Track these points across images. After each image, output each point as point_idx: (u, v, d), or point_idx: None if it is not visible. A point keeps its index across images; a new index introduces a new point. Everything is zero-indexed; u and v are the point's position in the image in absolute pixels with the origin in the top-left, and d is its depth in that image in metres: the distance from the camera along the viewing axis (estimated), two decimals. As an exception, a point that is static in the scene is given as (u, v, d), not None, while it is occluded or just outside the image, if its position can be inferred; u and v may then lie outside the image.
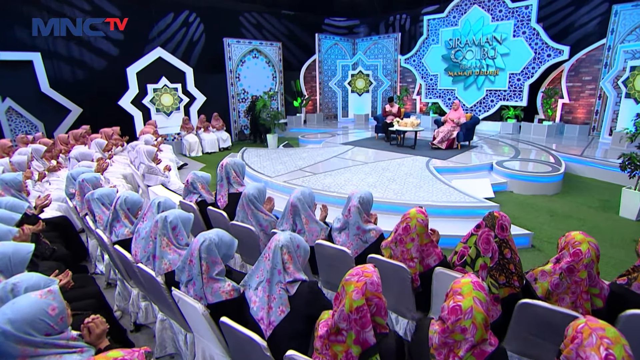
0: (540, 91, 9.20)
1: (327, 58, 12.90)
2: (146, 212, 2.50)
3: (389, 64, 12.72)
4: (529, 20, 8.61)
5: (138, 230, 2.43)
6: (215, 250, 1.83)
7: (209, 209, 3.14)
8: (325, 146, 8.36)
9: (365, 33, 13.70)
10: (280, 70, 11.45)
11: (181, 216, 2.20)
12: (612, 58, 7.79)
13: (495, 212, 2.07)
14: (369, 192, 2.56)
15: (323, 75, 12.93)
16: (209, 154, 9.27)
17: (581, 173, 6.49)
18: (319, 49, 12.44)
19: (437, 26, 10.47)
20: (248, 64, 10.76)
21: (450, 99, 10.76)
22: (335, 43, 12.98)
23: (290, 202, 2.61)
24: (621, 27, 7.54)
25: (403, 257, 2.21)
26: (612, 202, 5.10)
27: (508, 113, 9.46)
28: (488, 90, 9.83)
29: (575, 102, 8.85)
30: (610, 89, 7.69)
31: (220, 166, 3.10)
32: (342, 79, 12.78)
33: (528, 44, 8.73)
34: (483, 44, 9.54)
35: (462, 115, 7.54)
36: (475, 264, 2.03)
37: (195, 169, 7.72)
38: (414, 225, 2.16)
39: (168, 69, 9.09)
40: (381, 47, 12.78)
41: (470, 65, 10.00)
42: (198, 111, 9.76)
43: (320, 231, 2.65)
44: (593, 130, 8.48)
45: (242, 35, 10.82)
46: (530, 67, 8.86)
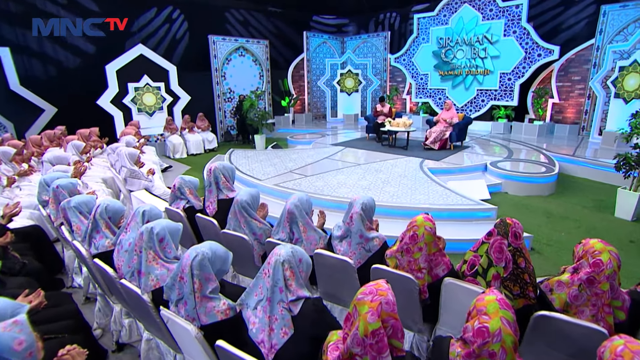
0: (531, 91, 9.32)
1: (316, 57, 12.79)
2: (130, 221, 2.32)
3: (379, 62, 12.70)
4: (519, 19, 8.70)
5: (121, 242, 2.26)
6: (209, 266, 1.68)
7: (198, 217, 2.98)
8: (315, 147, 8.24)
9: (354, 31, 13.66)
10: (268, 68, 11.27)
11: (169, 227, 2.04)
12: (601, 58, 7.94)
13: (508, 218, 1.98)
14: (371, 197, 2.45)
15: (311, 74, 12.81)
16: (194, 155, 9.03)
17: (574, 173, 6.56)
18: (307, 48, 12.31)
19: (427, 25, 10.49)
20: (234, 62, 10.54)
21: (440, 98, 10.80)
22: (324, 41, 12.88)
23: (286, 208, 2.47)
24: (609, 27, 7.69)
25: (410, 267, 2.11)
26: (607, 203, 5.15)
27: (499, 113, 9.54)
28: (479, 90, 9.90)
29: (565, 102, 9.00)
30: (600, 89, 7.83)
31: (208, 171, 2.94)
32: (330, 78, 12.69)
33: (519, 43, 8.83)
34: (473, 43, 9.60)
35: (454, 115, 7.54)
36: (487, 274, 1.95)
37: (180, 171, 7.48)
38: (422, 233, 2.06)
39: (150, 67, 8.80)
40: (370, 45, 12.75)
41: (460, 64, 10.06)
42: (182, 111, 9.49)
43: (319, 240, 2.52)
44: (583, 130, 8.63)
45: (227, 33, 10.59)
46: (520, 67, 8.95)
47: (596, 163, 6.33)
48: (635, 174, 4.47)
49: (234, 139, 10.69)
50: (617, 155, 4.54)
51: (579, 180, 6.34)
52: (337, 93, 12.74)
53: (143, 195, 4.52)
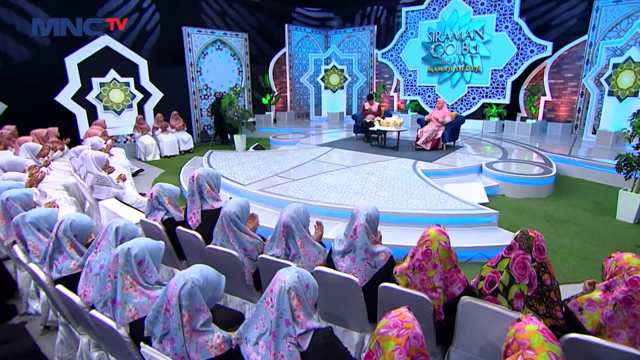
0: (523, 88, 9.49)
1: (298, 51, 12.64)
2: (100, 239, 2.11)
3: (365, 58, 12.68)
4: (511, 14, 8.85)
5: (90, 264, 2.05)
6: (200, 295, 1.51)
7: (178, 230, 2.78)
8: (300, 148, 8.10)
9: (338, 25, 13.59)
10: (247, 64, 11.05)
11: (149, 246, 1.85)
12: (594, 55, 8.16)
13: (530, 231, 1.91)
14: (374, 207, 2.33)
15: (294, 70, 12.65)
16: (168, 157, 8.71)
17: (569, 173, 6.68)
18: (289, 42, 12.15)
19: (416, 19, 10.53)
20: (211, 57, 10.26)
21: (430, 96, 10.86)
22: (307, 35, 12.75)
23: (281, 221, 2.32)
24: (602, 23, 7.92)
25: (423, 286, 2.00)
26: (607, 205, 5.24)
27: (490, 111, 9.67)
28: (470, 87, 10.01)
29: (557, 100, 9.21)
30: (593, 87, 8.04)
31: (190, 178, 2.75)
32: (314, 74, 12.57)
33: (510, 39, 8.97)
34: (464, 39, 9.70)
35: (447, 114, 7.56)
36: (509, 292, 1.86)
37: (153, 175, 7.18)
38: (436, 249, 1.96)
39: (117, 61, 8.42)
40: (356, 40, 12.71)
41: (451, 60, 10.15)
42: (154, 109, 9.16)
43: (318, 255, 2.39)
44: (576, 129, 8.85)
45: (203, 24, 10.30)
46: (513, 63, 9.10)
47: (592, 163, 6.47)
48: (637, 175, 4.55)
49: (212, 139, 10.40)
50: (619, 155, 4.61)
51: (575, 181, 6.46)
52: (321, 90, 12.63)
53: (113, 204, 4.24)
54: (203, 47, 9.96)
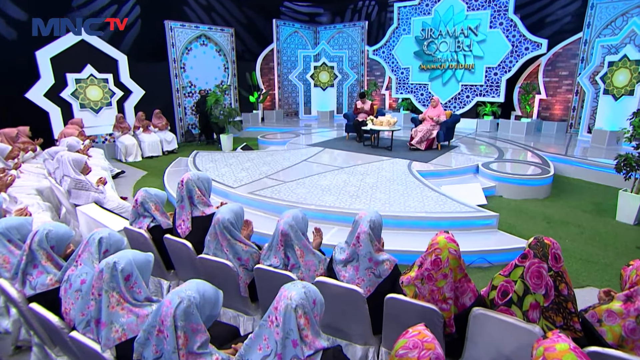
0: (518, 86, 9.60)
1: (287, 47, 12.54)
2: (81, 251, 1.99)
3: (355, 55, 12.66)
4: (506, 10, 8.93)
5: (69, 279, 1.92)
6: (197, 314, 1.41)
7: (166, 238, 2.67)
8: (290, 148, 8.01)
9: (328, 20, 13.53)
10: (234, 60, 10.90)
11: (137, 259, 1.74)
12: (589, 52, 8.30)
13: (545, 238, 1.87)
14: (377, 213, 2.27)
15: (282, 67, 12.54)
16: (151, 158, 8.52)
17: (566, 173, 6.76)
18: (277, 37, 12.04)
19: (408, 14, 10.56)
20: (195, 52, 10.08)
21: (423, 94, 10.90)
22: (295, 31, 12.66)
23: (279, 229, 2.23)
24: (597, 20, 8.06)
25: (433, 297, 1.95)
26: (606, 205, 5.31)
27: (485, 110, 9.75)
28: (463, 86, 10.08)
29: (552, 98, 9.35)
30: (588, 85, 8.18)
31: (180, 183, 2.63)
32: (303, 72, 12.48)
33: (505, 36, 9.06)
34: (458, 35, 9.75)
35: (441, 113, 7.57)
36: (523, 302, 1.82)
37: (135, 177, 6.99)
38: (446, 257, 1.90)
39: (95, 56, 8.18)
40: (346, 36, 12.68)
41: (444, 57, 10.19)
42: (135, 107, 8.94)
43: (318, 264, 2.31)
44: (571, 128, 8.99)
45: (187, 18, 10.09)
46: (507, 61, 9.20)
47: (590, 163, 6.56)
48: (636, 176, 4.61)
49: (196, 139, 10.22)
50: (618, 155, 4.67)
51: (572, 181, 6.53)
52: (311, 88, 12.55)
53: (92, 210, 4.07)
54: (187, 42, 9.77)
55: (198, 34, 9.98)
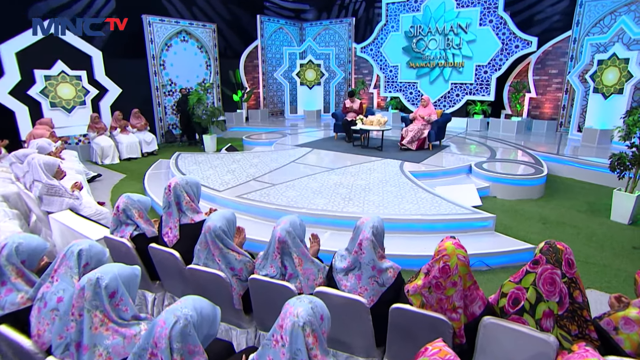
0: (508, 85, 9.74)
1: (271, 44, 12.42)
2: (57, 266, 1.85)
3: (342, 52, 12.64)
4: (495, 7, 9.05)
5: (43, 297, 1.79)
6: (194, 334, 1.32)
7: (152, 248, 2.54)
8: (277, 149, 7.91)
9: (314, 17, 13.47)
10: (216, 57, 10.72)
11: (122, 274, 1.63)
12: (578, 51, 8.48)
13: (558, 243, 1.84)
14: (379, 218, 2.21)
15: (267, 64, 12.42)
16: (129, 160, 8.28)
17: (558, 173, 6.87)
18: (262, 34, 11.91)
19: (396, 11, 10.59)
20: (175, 49, 9.87)
21: (412, 92, 10.96)
22: (280, 27, 12.55)
23: (276, 236, 2.15)
24: (586, 19, 8.24)
25: (441, 306, 1.89)
26: (599, 205, 5.40)
27: (475, 108, 9.86)
28: (453, 84, 10.17)
29: (542, 97, 9.52)
30: (578, 84, 8.35)
31: (167, 188, 2.52)
32: (289, 70, 12.38)
33: (495, 33, 9.18)
34: (447, 33, 9.83)
35: (432, 112, 7.60)
36: (535, 310, 1.78)
37: (113, 180, 6.78)
38: (455, 264, 1.86)
39: (66, 51, 7.91)
40: (333, 33, 12.65)
41: (433, 55, 10.26)
42: (112, 106, 8.70)
43: (317, 273, 2.23)
44: (561, 126, 9.17)
45: (166, 13, 9.87)
46: (497, 59, 9.32)
47: (581, 162, 6.68)
48: (630, 175, 4.70)
49: (177, 139, 10.00)
50: (612, 155, 4.75)
51: (565, 180, 6.64)
52: (297, 86, 12.47)
53: (67, 217, 3.88)
54: (166, 38, 9.56)
55: (178, 30, 9.77)
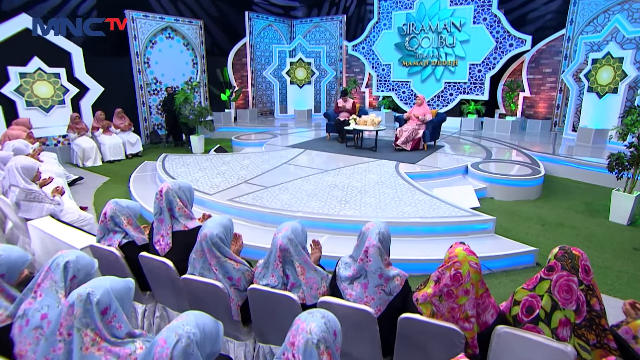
0: (502, 84, 9.83)
1: (260, 42, 12.33)
2: (41, 280, 1.75)
3: (333, 50, 12.61)
4: (489, 5, 9.12)
5: (25, 314, 1.69)
6: (197, 353, 1.25)
7: (143, 256, 2.45)
8: (268, 150, 7.82)
9: (304, 14, 13.41)
10: (203, 55, 10.58)
11: (115, 288, 1.54)
12: (572, 49, 8.60)
13: (573, 248, 1.82)
14: (385, 224, 2.17)
15: (255, 62, 12.32)
16: (112, 162, 8.09)
17: (555, 173, 6.93)
18: (250, 31, 11.81)
19: (389, 9, 10.61)
20: (160, 46, 9.71)
21: (405, 92, 10.98)
22: (270, 24, 12.46)
23: (277, 244, 2.08)
24: (580, 17, 8.36)
25: (453, 315, 1.85)
26: (597, 205, 5.46)
27: (469, 108, 9.92)
28: (447, 83, 10.22)
29: (536, 96, 9.64)
30: (572, 83, 8.46)
31: (158, 194, 2.42)
32: (278, 68, 12.30)
33: (489, 31, 9.25)
34: (440, 31, 9.88)
35: (427, 112, 7.61)
36: (551, 319, 1.75)
37: (95, 184, 6.61)
38: (467, 271, 1.82)
39: (43, 47, 7.69)
40: (324, 31, 12.61)
41: (426, 54, 10.30)
42: (93, 106, 8.50)
43: (320, 282, 2.17)
44: (555, 126, 9.29)
45: (150, 8, 9.70)
46: (491, 58, 9.39)
47: (578, 162, 6.75)
48: (629, 175, 4.75)
49: (163, 140, 9.83)
50: (611, 155, 4.80)
51: (561, 180, 6.70)
52: (287, 85, 12.39)
53: (47, 224, 3.73)
54: (151, 34, 9.39)
55: (163, 26, 9.61)
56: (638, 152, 4.59)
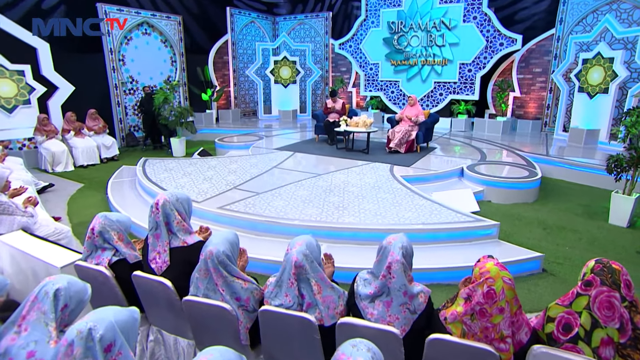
0: (492, 84, 9.95)
1: (243, 39, 12.12)
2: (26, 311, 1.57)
3: (319, 49, 12.53)
4: (480, 3, 9.22)
5: (7, 352, 1.51)
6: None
7: (137, 276, 2.28)
8: (255, 153, 7.65)
9: (288, 10, 13.27)
10: (182, 52, 10.31)
11: (120, 320, 1.39)
12: (561, 49, 8.78)
13: (612, 262, 1.77)
14: (406, 237, 2.08)
15: (238, 61, 12.10)
16: (85, 167, 7.75)
17: (549, 174, 7.02)
18: (232, 28, 11.59)
19: (377, 6, 10.60)
20: (136, 43, 9.40)
21: (394, 92, 10.99)
22: (252, 21, 12.27)
23: (292, 261, 1.95)
24: (569, 17, 8.55)
25: (486, 335, 1.77)
26: (595, 207, 5.54)
27: (459, 108, 10.00)
28: (436, 83, 10.28)
29: (526, 96, 9.80)
30: (563, 82, 8.64)
31: (154, 207, 2.25)
32: (262, 67, 12.12)
33: (479, 30, 9.35)
34: (430, 29, 9.93)
35: (420, 113, 7.61)
36: (591, 338, 1.70)
37: (67, 191, 6.30)
38: (501, 288, 1.75)
39: (4, 41, 7.31)
40: (308, 28, 12.51)
41: (415, 53, 10.34)
42: (63, 106, 8.14)
43: (338, 300, 2.06)
44: (545, 126, 9.46)
45: (125, 2, 9.35)
46: (482, 57, 9.49)
47: (572, 163, 6.86)
48: (628, 177, 4.83)
49: (140, 143, 9.50)
50: (610, 157, 4.87)
51: (556, 182, 6.79)
52: (271, 84, 12.22)
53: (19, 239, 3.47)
54: (126, 30, 9.06)
55: (139, 21, 9.31)
56: (637, 154, 4.67)
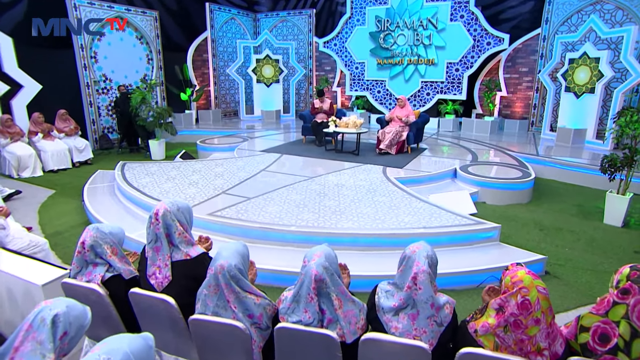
0: (479, 83, 10.09)
1: (223, 37, 11.91)
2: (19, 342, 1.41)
3: (302, 47, 12.44)
4: (467, 2, 9.33)
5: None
6: None
7: (135, 294, 2.12)
8: (241, 155, 7.49)
9: (268, 7, 13.12)
10: (159, 50, 10.04)
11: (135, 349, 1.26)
12: (548, 49, 8.99)
13: (649, 266, 1.73)
14: (429, 245, 2.01)
15: (218, 59, 11.88)
16: (56, 172, 7.40)
17: (540, 175, 7.14)
18: (212, 24, 11.36)
19: (362, 3, 10.60)
20: (110, 39, 9.08)
21: (380, 91, 11.01)
22: (232, 17, 12.07)
23: (311, 274, 1.85)
24: (555, 17, 8.77)
25: (522, 348, 1.71)
26: (589, 207, 5.66)
27: (446, 108, 10.10)
28: (423, 82, 10.35)
29: (513, 95, 10.00)
30: (549, 82, 8.84)
31: (153, 217, 2.11)
32: (243, 65, 11.93)
33: (466, 29, 9.47)
34: (417, 28, 9.99)
35: (410, 113, 7.62)
36: (631, 348, 1.66)
37: (37, 198, 5.99)
38: (536, 298, 1.69)
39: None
40: (291, 26, 12.41)
41: (402, 51, 10.38)
42: (29, 106, 7.76)
43: (359, 314, 1.97)
44: (532, 126, 9.66)
45: (96, -4, 9.03)
46: (469, 56, 9.62)
47: (563, 163, 7.01)
48: (622, 177, 4.94)
49: (115, 145, 9.17)
50: (604, 157, 4.97)
51: (548, 182, 6.91)
52: (253, 84, 12.05)
53: (-7, 252, 3.24)
54: (99, 25, 8.73)
55: (113, 16, 8.98)
56: (631, 154, 4.79)
